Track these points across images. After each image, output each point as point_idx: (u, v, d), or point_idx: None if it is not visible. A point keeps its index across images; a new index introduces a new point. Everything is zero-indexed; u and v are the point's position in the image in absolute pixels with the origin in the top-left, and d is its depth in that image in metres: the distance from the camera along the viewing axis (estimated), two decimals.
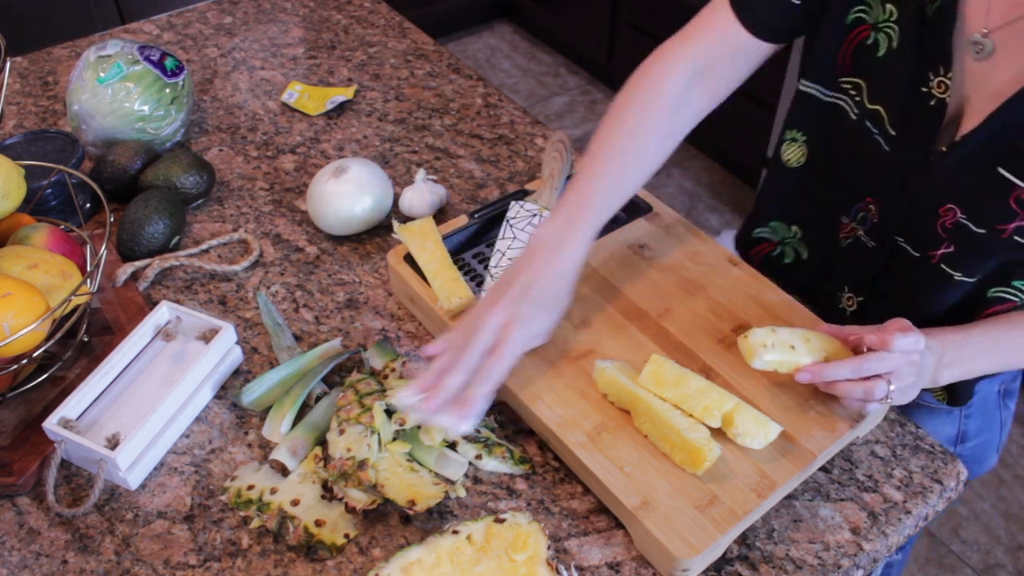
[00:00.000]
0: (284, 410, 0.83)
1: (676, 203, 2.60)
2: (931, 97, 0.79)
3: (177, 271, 1.02)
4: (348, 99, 1.28)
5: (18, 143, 1.08)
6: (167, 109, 1.14)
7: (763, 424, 0.76)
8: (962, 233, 0.81)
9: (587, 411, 0.80)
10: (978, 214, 0.80)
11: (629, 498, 0.73)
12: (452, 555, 0.71)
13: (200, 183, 1.08)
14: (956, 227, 0.81)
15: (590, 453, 0.77)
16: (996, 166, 0.76)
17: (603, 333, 0.87)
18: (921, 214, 0.84)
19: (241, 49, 1.40)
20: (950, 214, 0.81)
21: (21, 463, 0.80)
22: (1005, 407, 1.04)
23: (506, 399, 0.85)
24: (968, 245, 0.82)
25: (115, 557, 0.75)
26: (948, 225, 0.82)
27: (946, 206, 0.81)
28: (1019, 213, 0.77)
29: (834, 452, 0.81)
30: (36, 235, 0.88)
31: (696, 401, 0.77)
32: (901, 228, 0.87)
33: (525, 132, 1.24)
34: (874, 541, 0.76)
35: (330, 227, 1.04)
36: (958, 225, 0.81)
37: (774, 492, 0.74)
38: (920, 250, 0.87)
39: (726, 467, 0.76)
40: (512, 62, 3.18)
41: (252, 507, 0.77)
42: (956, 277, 0.85)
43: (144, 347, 0.88)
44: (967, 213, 0.80)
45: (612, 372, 0.80)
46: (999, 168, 0.76)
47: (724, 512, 0.72)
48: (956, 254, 0.84)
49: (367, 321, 0.96)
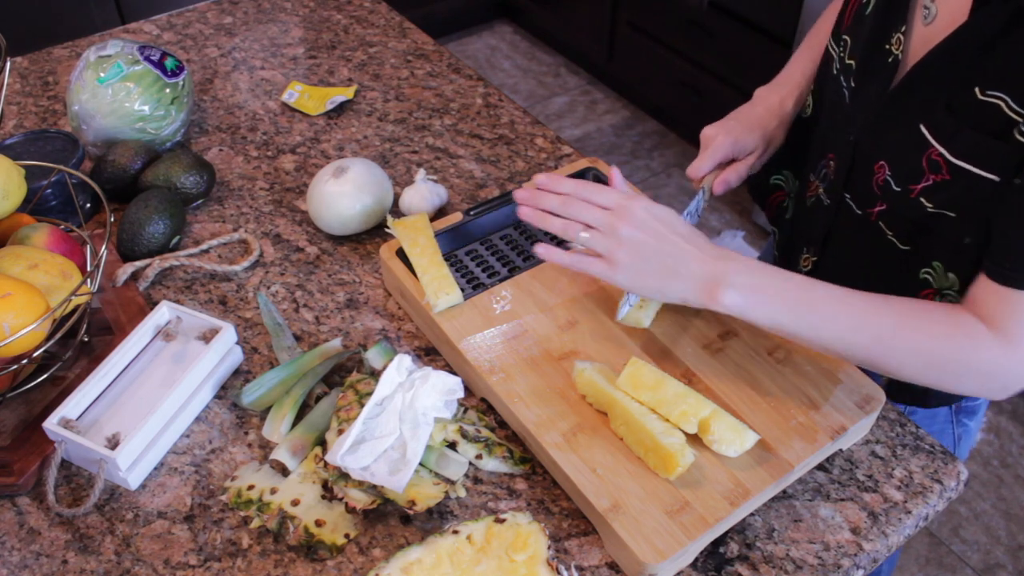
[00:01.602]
0: (284, 410, 0.83)
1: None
2: (889, 54, 0.81)
3: (177, 271, 1.02)
4: (348, 99, 1.28)
5: (18, 143, 1.08)
6: (167, 109, 1.14)
7: (740, 432, 0.76)
8: (889, 191, 0.82)
9: (565, 411, 0.80)
10: (898, 171, 0.80)
11: (599, 500, 0.73)
12: (452, 555, 0.71)
13: (200, 183, 1.08)
14: (885, 184, 0.82)
15: (564, 453, 0.77)
16: (919, 123, 0.77)
17: (588, 335, 0.87)
18: (861, 170, 0.85)
19: (241, 49, 1.40)
20: (881, 171, 0.82)
21: (21, 463, 0.80)
22: (960, 423, 1.01)
23: (487, 396, 0.85)
24: (893, 205, 0.83)
25: (115, 557, 0.75)
26: (880, 182, 0.83)
27: (879, 162, 0.83)
28: (926, 173, 0.77)
29: (813, 464, 0.80)
30: (36, 235, 0.88)
31: (673, 406, 0.77)
32: (848, 184, 0.88)
33: (525, 132, 1.24)
34: (874, 541, 0.76)
35: (330, 227, 1.04)
36: (887, 182, 0.82)
37: (747, 501, 0.74)
38: (861, 207, 0.87)
39: (700, 473, 0.75)
40: (512, 62, 3.18)
41: (252, 507, 0.77)
42: (889, 236, 0.85)
43: (144, 347, 0.88)
44: (891, 170, 0.81)
45: (591, 373, 0.80)
46: (920, 125, 0.77)
47: (694, 519, 0.72)
48: (887, 213, 0.84)
49: (367, 321, 0.96)
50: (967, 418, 1.01)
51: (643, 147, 2.81)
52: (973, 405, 1.00)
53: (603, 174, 1.04)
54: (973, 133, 0.73)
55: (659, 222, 0.76)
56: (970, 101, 0.72)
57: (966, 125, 0.73)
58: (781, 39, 2.21)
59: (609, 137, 2.84)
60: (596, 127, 2.88)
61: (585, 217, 0.76)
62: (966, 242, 0.78)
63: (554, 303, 0.90)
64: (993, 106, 0.71)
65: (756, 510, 0.78)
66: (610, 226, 0.76)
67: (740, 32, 2.33)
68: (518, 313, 0.89)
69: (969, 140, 0.73)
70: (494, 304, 0.89)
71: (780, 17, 2.19)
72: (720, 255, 0.76)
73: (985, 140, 0.72)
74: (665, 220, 0.77)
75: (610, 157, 2.73)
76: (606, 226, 0.76)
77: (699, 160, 0.93)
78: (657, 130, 2.88)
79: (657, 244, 0.75)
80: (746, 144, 0.95)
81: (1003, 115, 0.70)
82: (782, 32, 2.20)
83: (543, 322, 0.88)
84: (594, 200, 0.77)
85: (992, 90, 0.70)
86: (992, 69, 0.71)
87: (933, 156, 0.76)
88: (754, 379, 0.83)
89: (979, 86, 0.71)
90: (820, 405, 0.81)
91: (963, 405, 0.99)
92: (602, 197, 0.77)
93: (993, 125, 0.71)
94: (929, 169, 0.77)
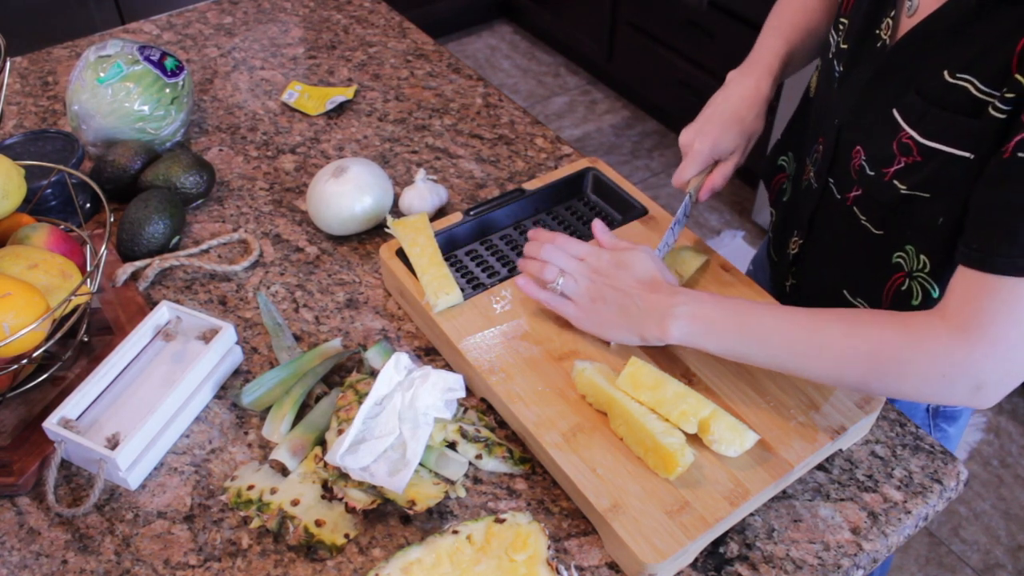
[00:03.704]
0: (284, 410, 0.83)
1: (676, 203, 2.60)
2: (878, 39, 0.81)
3: (177, 271, 1.02)
4: (348, 99, 1.28)
5: (18, 143, 1.08)
6: (167, 109, 1.14)
7: (739, 432, 0.76)
8: (864, 176, 0.83)
9: (565, 411, 0.80)
10: (872, 156, 0.81)
11: (599, 500, 0.73)
12: (452, 555, 0.71)
13: (200, 183, 1.08)
14: (861, 169, 0.83)
15: (564, 453, 0.77)
16: (891, 107, 0.78)
17: (588, 335, 0.87)
18: (843, 155, 0.86)
19: (241, 49, 1.40)
20: (858, 156, 0.83)
21: (21, 463, 0.80)
22: (938, 428, 0.99)
23: (487, 396, 0.85)
24: (868, 189, 0.83)
25: (115, 557, 0.75)
26: (856, 167, 0.84)
27: (856, 147, 0.83)
28: (898, 156, 0.78)
29: (813, 464, 0.80)
30: (36, 235, 0.88)
31: (673, 406, 0.77)
32: (831, 169, 0.89)
33: (525, 132, 1.24)
34: (874, 541, 0.76)
35: (330, 227, 1.04)
36: (862, 167, 0.83)
37: (747, 501, 0.74)
38: (841, 192, 0.88)
39: (700, 473, 0.75)
40: (512, 62, 3.18)
41: (252, 507, 0.77)
42: (863, 220, 0.86)
43: (144, 347, 0.88)
44: (866, 155, 0.82)
45: (590, 373, 0.80)
46: (893, 109, 0.77)
47: (694, 519, 0.72)
48: (862, 197, 0.85)
49: (367, 321, 0.96)
50: (946, 423, 1.00)
51: (643, 147, 2.81)
52: (953, 410, 0.99)
53: (603, 174, 1.04)
54: (942, 113, 0.73)
55: (620, 268, 0.83)
56: (938, 84, 0.73)
57: (934, 106, 0.74)
58: None
59: (609, 137, 2.84)
60: (596, 127, 2.88)
61: (559, 262, 0.85)
62: (939, 222, 0.79)
63: None
64: (961, 88, 0.71)
65: (756, 510, 0.78)
66: (579, 273, 0.84)
67: (740, 32, 2.32)
68: (518, 313, 0.89)
69: (939, 120, 0.74)
70: (494, 304, 0.89)
71: None
72: (671, 291, 0.79)
73: (955, 119, 0.72)
74: (627, 265, 0.83)
75: (610, 157, 2.73)
76: (576, 272, 0.84)
77: (681, 168, 0.95)
78: (657, 130, 2.88)
79: (614, 289, 0.82)
80: (725, 145, 0.95)
81: (971, 96, 0.71)
82: None
83: (543, 322, 0.88)
84: (568, 250, 0.86)
85: (961, 73, 0.71)
86: (962, 53, 0.72)
87: (904, 139, 0.77)
88: (754, 379, 0.83)
89: (947, 69, 0.72)
90: (820, 405, 0.81)
91: (941, 409, 0.99)
92: (576, 248, 0.86)
93: (962, 105, 0.72)
94: (900, 152, 0.78)
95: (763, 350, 0.75)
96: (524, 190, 1.02)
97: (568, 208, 1.05)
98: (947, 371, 0.69)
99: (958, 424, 1.01)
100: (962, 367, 0.69)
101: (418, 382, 0.80)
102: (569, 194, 1.06)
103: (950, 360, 0.69)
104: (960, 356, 0.68)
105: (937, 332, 0.69)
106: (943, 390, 0.71)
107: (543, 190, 1.03)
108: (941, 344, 0.69)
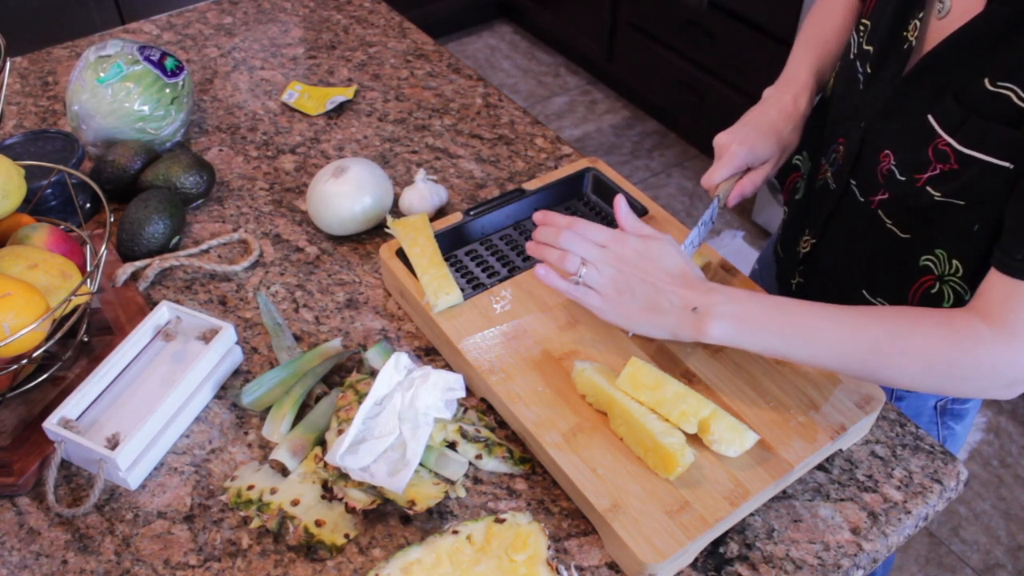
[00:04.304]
0: (284, 410, 0.83)
1: (676, 203, 2.60)
2: (905, 41, 0.81)
3: (177, 271, 1.02)
4: (348, 99, 1.28)
5: (18, 143, 1.08)
6: (167, 109, 1.14)
7: (740, 432, 0.76)
8: (892, 180, 0.82)
9: (565, 412, 0.80)
10: (903, 161, 0.81)
11: (599, 500, 0.73)
12: (452, 555, 0.71)
13: (200, 183, 1.08)
14: (889, 173, 0.82)
15: (564, 453, 0.77)
16: (926, 113, 0.77)
17: (588, 335, 0.87)
18: (868, 158, 0.86)
19: (241, 49, 1.40)
20: (886, 160, 0.83)
21: (21, 463, 0.80)
22: (945, 425, 1.00)
23: (487, 396, 0.85)
24: (897, 193, 0.83)
25: (115, 557, 0.75)
26: (884, 171, 0.83)
27: (884, 151, 0.83)
28: (933, 163, 0.77)
29: (813, 464, 0.80)
30: (36, 235, 0.88)
31: (673, 406, 0.77)
32: (854, 171, 0.89)
33: (525, 132, 1.24)
34: (874, 541, 0.76)
35: (330, 227, 1.04)
36: (891, 171, 0.82)
37: (747, 501, 0.74)
38: (864, 195, 0.88)
39: (700, 474, 0.75)
40: (512, 62, 3.18)
41: (252, 507, 0.77)
42: (888, 225, 0.85)
43: (144, 347, 0.88)
44: (896, 160, 0.81)
45: (590, 373, 0.80)
46: (928, 115, 0.77)
47: (694, 519, 0.72)
48: (889, 201, 0.84)
49: (367, 321, 0.96)
50: (953, 421, 1.00)
51: (643, 147, 2.81)
52: (961, 408, 0.99)
53: (603, 174, 1.04)
54: (982, 122, 0.73)
55: (647, 259, 0.78)
56: (979, 91, 0.72)
57: (974, 114, 0.73)
58: (781, 39, 2.21)
59: (609, 137, 2.84)
60: (596, 127, 2.88)
61: (580, 251, 0.79)
62: (975, 229, 0.78)
63: (554, 303, 0.90)
64: (1003, 97, 0.71)
65: (756, 510, 0.78)
66: (602, 261, 0.79)
67: (740, 32, 2.33)
68: (518, 313, 0.89)
69: (979, 129, 0.73)
70: (494, 304, 0.90)
71: (780, 17, 2.19)
72: (706, 288, 0.77)
73: (996, 128, 0.72)
74: (655, 256, 0.78)
75: (610, 157, 2.73)
76: (598, 261, 0.79)
77: (714, 169, 0.92)
78: (657, 130, 2.88)
79: (642, 281, 0.77)
80: (761, 152, 0.93)
81: (1013, 105, 0.70)
82: (782, 32, 2.20)
83: (543, 322, 0.88)
84: (588, 236, 0.80)
85: (1003, 81, 0.71)
86: (1003, 61, 0.71)
87: (940, 146, 0.76)
88: (754, 379, 0.83)
89: (989, 77, 0.72)
90: (820, 405, 0.81)
91: (948, 407, 0.99)
92: (597, 233, 0.80)
93: (1003, 114, 0.71)
94: (936, 159, 0.77)
95: (806, 350, 0.75)
96: (524, 190, 1.02)
97: (568, 208, 1.05)
98: (990, 373, 0.72)
99: (964, 422, 1.01)
100: (1004, 368, 0.72)
101: (418, 382, 0.80)
102: (569, 194, 1.06)
103: (993, 363, 0.72)
104: (1005, 359, 0.72)
105: (982, 335, 0.71)
106: (982, 386, 0.74)
107: (543, 190, 1.03)
108: (985, 348, 0.71)
